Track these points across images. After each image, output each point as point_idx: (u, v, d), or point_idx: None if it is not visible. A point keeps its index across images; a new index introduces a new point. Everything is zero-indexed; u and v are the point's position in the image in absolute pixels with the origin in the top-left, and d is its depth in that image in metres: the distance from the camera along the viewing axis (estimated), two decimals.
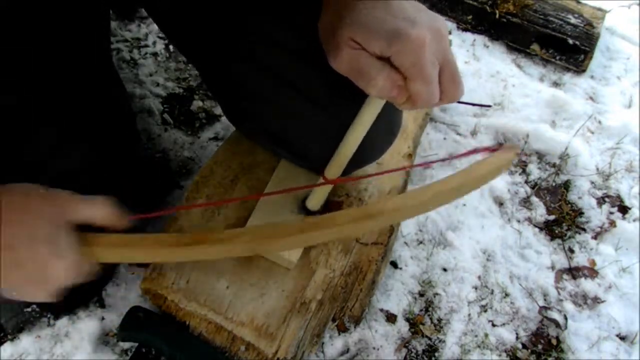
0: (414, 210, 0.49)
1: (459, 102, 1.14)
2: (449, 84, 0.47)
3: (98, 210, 0.45)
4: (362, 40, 0.45)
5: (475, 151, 0.52)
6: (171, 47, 1.14)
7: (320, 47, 0.51)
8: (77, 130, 0.59)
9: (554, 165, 1.10)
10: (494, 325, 0.86)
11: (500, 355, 0.83)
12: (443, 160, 0.70)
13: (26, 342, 0.74)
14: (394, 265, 0.89)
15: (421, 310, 0.86)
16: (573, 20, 1.30)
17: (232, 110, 0.69)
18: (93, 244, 0.45)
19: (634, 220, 1.03)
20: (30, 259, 0.41)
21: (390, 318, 0.84)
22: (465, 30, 1.35)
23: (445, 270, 0.91)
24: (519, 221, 1.01)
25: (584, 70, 1.29)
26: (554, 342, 0.86)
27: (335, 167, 0.59)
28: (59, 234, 0.42)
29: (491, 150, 0.51)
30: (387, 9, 0.46)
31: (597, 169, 1.10)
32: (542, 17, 1.29)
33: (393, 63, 0.45)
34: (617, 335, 0.88)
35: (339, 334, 0.81)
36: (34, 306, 0.73)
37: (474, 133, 1.12)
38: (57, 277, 0.43)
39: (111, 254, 0.46)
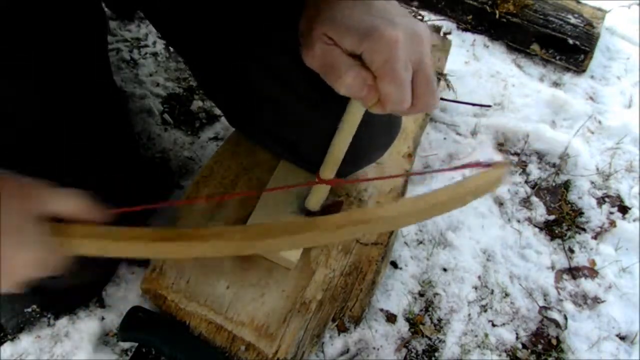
0: (407, 220, 0.47)
1: (459, 102, 1.14)
2: (422, 89, 0.45)
3: (69, 202, 0.43)
4: (335, 35, 0.45)
5: (470, 165, 0.50)
6: (171, 47, 1.14)
7: None
8: (74, 131, 0.59)
9: (554, 165, 1.10)
10: (494, 325, 0.86)
11: (500, 355, 0.83)
12: (437, 171, 0.68)
13: (26, 342, 0.74)
14: (394, 265, 0.89)
15: (421, 310, 0.86)
16: (573, 20, 1.30)
17: (231, 112, 0.69)
18: (67, 234, 0.43)
19: (634, 220, 1.03)
20: None
21: (390, 318, 0.84)
22: (465, 30, 1.35)
23: (445, 270, 0.91)
24: (519, 221, 1.01)
25: (584, 70, 1.29)
26: (554, 342, 0.86)
27: (328, 169, 0.59)
28: (26, 225, 0.41)
29: (484, 165, 0.49)
30: (367, 9, 0.45)
31: (597, 169, 1.10)
32: (542, 17, 1.29)
33: (364, 61, 0.44)
34: (617, 335, 0.88)
35: (339, 334, 0.81)
36: (34, 306, 0.73)
37: (474, 133, 1.12)
38: (22, 267, 0.41)
39: (87, 246, 0.43)
